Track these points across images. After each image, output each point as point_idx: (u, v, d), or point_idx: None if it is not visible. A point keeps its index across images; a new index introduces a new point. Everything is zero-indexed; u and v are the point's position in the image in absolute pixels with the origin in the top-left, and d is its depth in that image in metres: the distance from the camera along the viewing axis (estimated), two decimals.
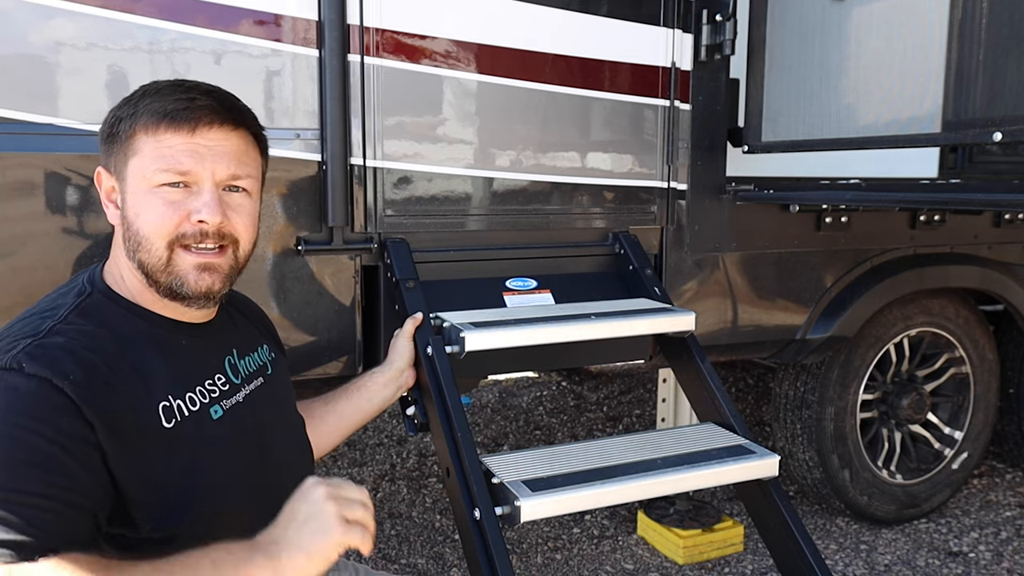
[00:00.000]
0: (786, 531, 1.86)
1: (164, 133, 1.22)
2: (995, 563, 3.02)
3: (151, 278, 1.24)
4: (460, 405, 1.79)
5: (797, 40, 2.45)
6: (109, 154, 1.26)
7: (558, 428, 4.49)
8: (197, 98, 1.24)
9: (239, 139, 1.28)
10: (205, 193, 1.23)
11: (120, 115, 1.25)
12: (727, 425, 2.01)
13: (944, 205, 2.83)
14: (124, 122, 1.24)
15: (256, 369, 1.43)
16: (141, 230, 1.22)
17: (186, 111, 1.22)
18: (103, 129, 1.28)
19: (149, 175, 1.22)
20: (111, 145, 1.26)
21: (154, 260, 1.22)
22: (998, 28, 1.86)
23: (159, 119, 1.22)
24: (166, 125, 1.21)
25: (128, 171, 1.24)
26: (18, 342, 1.11)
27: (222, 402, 1.30)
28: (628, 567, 2.99)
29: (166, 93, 1.25)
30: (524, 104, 2.24)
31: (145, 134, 1.22)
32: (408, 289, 2.02)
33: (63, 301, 1.22)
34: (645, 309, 2.15)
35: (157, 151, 1.21)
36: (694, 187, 2.50)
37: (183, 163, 1.22)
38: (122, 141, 1.24)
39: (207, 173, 1.23)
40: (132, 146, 1.23)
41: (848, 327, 2.83)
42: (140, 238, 1.22)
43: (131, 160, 1.23)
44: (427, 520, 3.35)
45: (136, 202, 1.23)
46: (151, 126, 1.22)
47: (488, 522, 1.62)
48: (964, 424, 3.34)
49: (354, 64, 2.04)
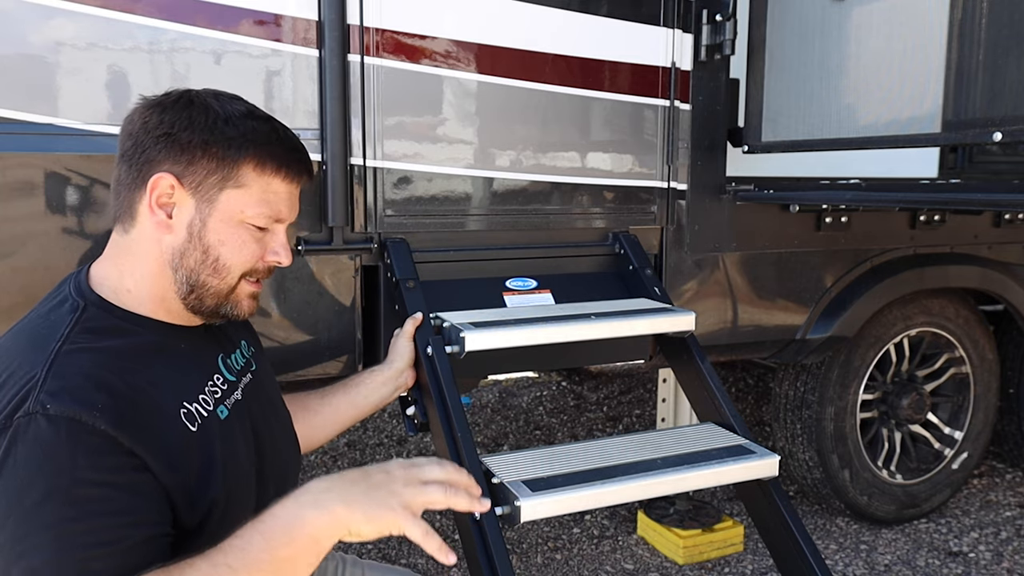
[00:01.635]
0: (786, 531, 1.86)
1: (276, 179, 1.26)
2: (995, 563, 3.02)
3: (199, 298, 1.25)
4: (460, 405, 1.79)
5: (797, 40, 2.45)
6: (191, 167, 1.21)
7: (558, 428, 4.49)
8: (300, 150, 1.31)
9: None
10: (282, 235, 1.31)
11: (228, 139, 1.22)
12: (727, 425, 2.01)
13: (944, 205, 2.83)
14: (232, 148, 1.22)
15: (243, 365, 1.44)
16: (222, 258, 1.25)
17: (299, 164, 1.30)
18: (184, 137, 1.21)
19: (250, 214, 1.25)
20: (200, 159, 1.21)
21: (223, 287, 1.26)
22: (998, 28, 1.86)
23: (278, 165, 1.26)
24: (283, 175, 1.27)
25: (221, 197, 1.23)
26: (32, 375, 1.06)
27: (225, 401, 1.30)
28: (628, 567, 2.99)
29: (277, 137, 1.28)
30: (524, 104, 2.24)
31: (256, 172, 1.24)
32: (408, 289, 2.02)
33: (56, 318, 1.17)
34: (645, 309, 2.15)
35: (264, 195, 1.25)
36: (694, 187, 2.50)
37: (282, 212, 1.29)
38: (223, 164, 1.22)
39: (290, 219, 1.32)
40: (235, 175, 1.23)
41: (848, 327, 2.83)
42: (218, 265, 1.25)
43: (230, 189, 1.23)
44: (427, 520, 3.34)
45: (223, 230, 1.24)
46: (268, 169, 1.25)
47: (488, 522, 1.62)
48: (964, 424, 3.34)
49: (354, 64, 2.04)
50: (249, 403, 1.37)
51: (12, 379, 1.07)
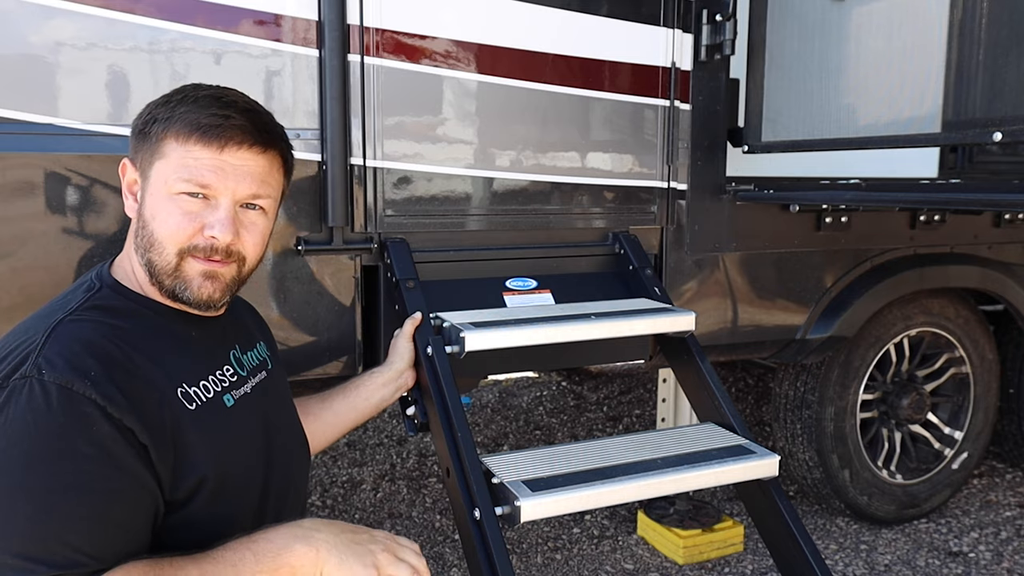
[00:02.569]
0: (786, 531, 1.86)
1: (194, 145, 1.23)
2: (995, 563, 3.02)
3: (155, 278, 1.26)
4: (460, 405, 1.79)
5: (797, 40, 2.44)
6: (137, 149, 1.28)
7: (558, 428, 4.49)
8: (232, 116, 1.25)
9: (265, 161, 1.30)
10: (221, 210, 1.25)
11: (156, 116, 1.26)
12: (727, 425, 2.01)
13: (944, 205, 2.83)
14: (158, 124, 1.24)
15: (258, 364, 1.45)
16: (155, 232, 1.24)
17: (219, 128, 1.23)
18: (136, 123, 1.29)
19: (171, 182, 1.23)
20: (141, 142, 1.27)
21: (163, 263, 1.24)
22: (998, 28, 1.86)
23: (191, 130, 1.23)
24: (197, 138, 1.23)
25: (152, 171, 1.25)
26: (33, 340, 1.11)
27: (232, 392, 1.32)
28: (628, 567, 2.99)
29: (204, 104, 1.25)
30: (524, 104, 2.24)
31: (175, 141, 1.23)
32: (408, 289, 2.02)
33: (72, 297, 1.23)
34: (645, 309, 2.15)
35: (183, 161, 1.23)
36: (694, 187, 2.50)
37: (205, 177, 1.23)
38: (152, 141, 1.25)
39: (227, 190, 1.25)
40: (160, 149, 1.24)
41: (848, 327, 2.83)
42: (153, 240, 1.24)
43: (157, 162, 1.24)
44: (427, 520, 3.35)
45: (154, 204, 1.24)
46: (183, 135, 1.23)
47: (488, 522, 1.62)
48: (964, 424, 3.34)
49: (354, 64, 2.04)
50: (259, 399, 1.39)
51: (16, 345, 1.13)
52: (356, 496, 3.58)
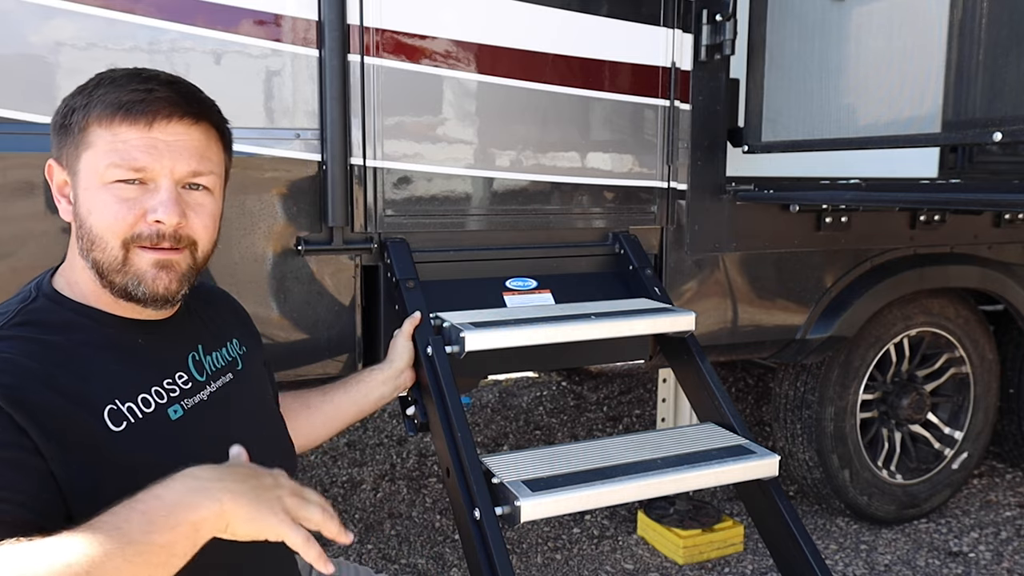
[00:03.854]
0: (786, 531, 1.86)
1: (119, 126, 1.14)
2: (995, 563, 3.02)
3: (105, 278, 1.18)
4: (460, 405, 1.79)
5: (797, 40, 2.45)
6: (61, 146, 1.19)
7: (558, 428, 4.49)
8: (155, 89, 1.16)
9: (200, 133, 1.21)
10: (162, 191, 1.16)
11: (73, 105, 1.17)
12: (727, 425, 2.01)
13: (944, 205, 2.83)
14: (77, 113, 1.16)
15: (224, 365, 1.36)
16: (94, 228, 1.16)
17: (143, 103, 1.15)
18: (55, 119, 1.20)
19: (102, 170, 1.14)
20: (63, 137, 1.18)
21: (109, 259, 1.16)
22: (998, 28, 1.86)
23: (114, 111, 1.14)
24: (121, 117, 1.14)
25: (80, 165, 1.16)
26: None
27: (182, 401, 1.23)
28: (628, 567, 2.99)
29: (122, 83, 1.17)
30: (524, 104, 2.24)
31: (99, 126, 1.15)
32: (408, 289, 2.02)
33: (6, 308, 1.15)
34: (645, 309, 2.15)
35: (111, 145, 1.14)
36: (694, 187, 2.50)
37: (138, 159, 1.14)
38: (75, 133, 1.16)
39: (165, 170, 1.16)
40: (85, 139, 1.16)
41: (848, 327, 2.83)
42: (93, 236, 1.16)
43: (84, 154, 1.16)
44: (427, 520, 3.35)
45: (89, 198, 1.16)
46: (105, 118, 1.15)
47: (488, 522, 1.62)
48: (964, 424, 3.34)
49: (354, 64, 2.04)
50: (220, 406, 1.30)
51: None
52: (356, 496, 3.58)
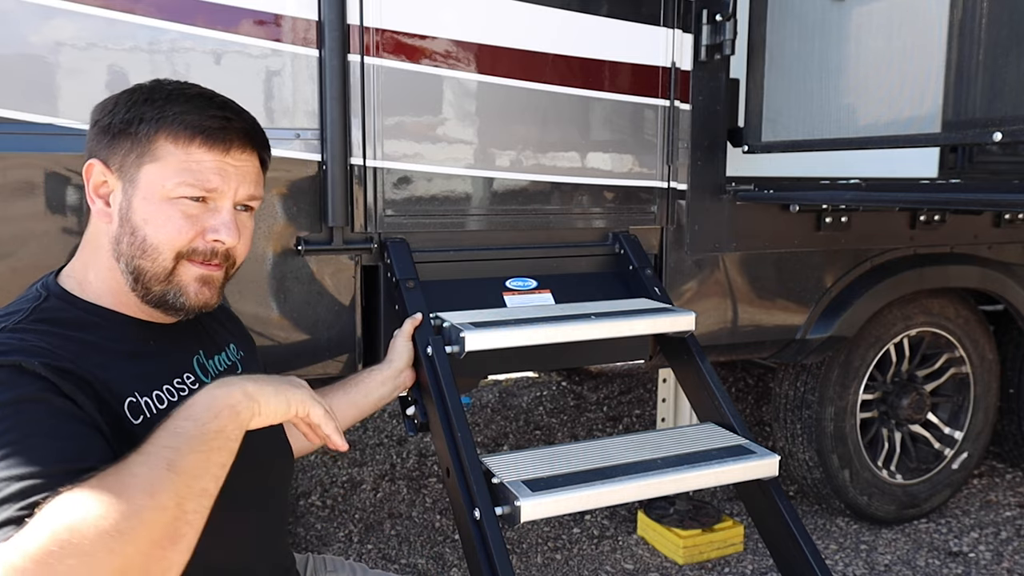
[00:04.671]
0: (786, 531, 1.86)
1: (197, 149, 1.20)
2: (995, 563, 3.02)
3: (143, 285, 1.21)
4: (460, 405, 1.79)
5: (797, 40, 2.45)
6: (113, 150, 1.21)
7: (558, 428, 4.49)
8: (232, 119, 1.23)
9: (258, 161, 1.30)
10: (224, 213, 1.23)
11: (142, 115, 1.20)
12: (727, 425, 2.01)
13: (944, 205, 2.83)
14: (146, 124, 1.19)
15: (225, 369, 1.40)
16: (149, 238, 1.20)
17: (223, 131, 1.21)
18: (104, 120, 1.22)
19: (170, 186, 1.19)
20: (119, 142, 1.21)
21: (157, 269, 1.21)
22: (998, 28, 1.86)
23: (194, 133, 1.20)
24: (201, 141, 1.20)
25: (141, 174, 1.20)
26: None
27: None
28: (628, 567, 2.99)
29: (199, 105, 1.22)
30: (524, 104, 2.24)
31: (173, 144, 1.19)
32: (408, 289, 2.02)
33: (16, 308, 1.18)
34: (645, 309, 2.15)
35: (184, 164, 1.19)
36: (694, 187, 2.50)
37: (211, 181, 1.21)
38: (139, 142, 1.20)
39: (230, 192, 1.23)
40: (152, 151, 1.19)
41: (848, 327, 2.83)
42: (146, 245, 1.20)
43: (147, 165, 1.20)
44: (427, 520, 3.35)
45: (147, 209, 1.20)
46: (183, 138, 1.20)
47: (488, 522, 1.62)
48: (964, 424, 3.34)
49: (354, 64, 2.04)
50: None
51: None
52: (356, 496, 3.58)
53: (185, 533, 0.96)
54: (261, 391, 1.10)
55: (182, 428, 1.01)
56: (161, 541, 0.93)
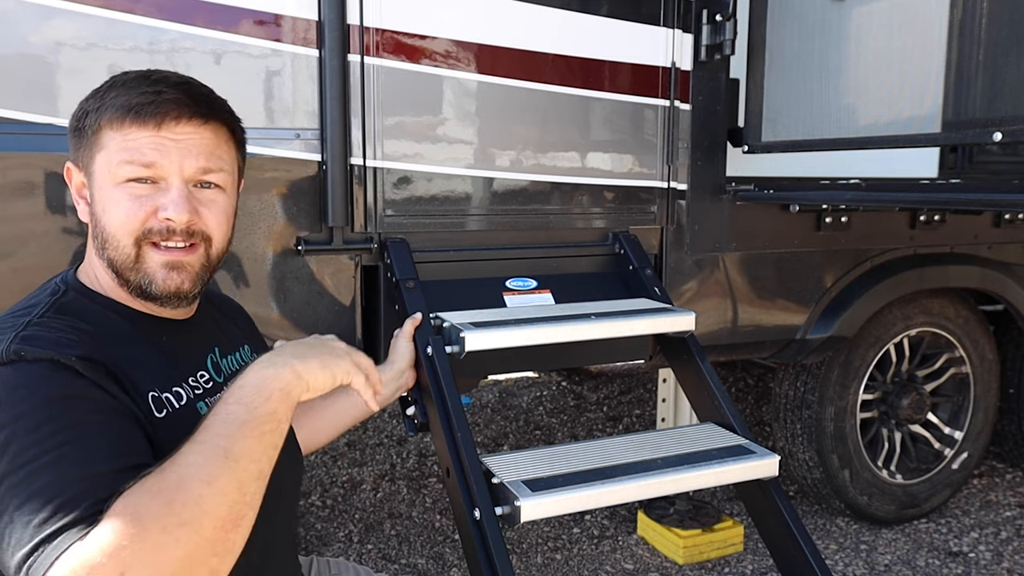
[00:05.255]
0: (786, 531, 1.86)
1: (129, 128, 1.18)
2: (995, 563, 3.02)
3: (121, 276, 1.22)
4: (460, 405, 1.79)
5: (797, 40, 2.45)
6: (77, 148, 1.23)
7: (558, 428, 4.49)
8: (164, 91, 1.19)
9: (211, 133, 1.23)
10: (172, 189, 1.19)
11: (87, 108, 1.21)
12: (727, 425, 2.01)
13: (944, 205, 2.83)
14: (90, 116, 1.20)
15: (239, 368, 1.38)
16: (107, 226, 1.20)
17: (151, 104, 1.18)
18: (71, 123, 1.24)
19: (114, 170, 1.18)
20: (79, 139, 1.22)
21: (122, 257, 1.20)
22: (998, 28, 1.86)
23: (124, 113, 1.18)
24: (131, 119, 1.18)
25: (95, 166, 1.20)
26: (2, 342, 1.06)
27: (207, 399, 1.27)
28: (628, 567, 2.99)
29: (132, 86, 1.20)
30: (524, 104, 2.24)
31: (111, 129, 1.19)
32: (408, 289, 2.02)
33: (36, 300, 1.19)
34: (645, 309, 2.15)
35: (121, 145, 1.18)
36: (694, 187, 2.50)
37: (147, 155, 1.17)
38: (88, 135, 1.21)
39: (174, 168, 1.19)
40: (98, 141, 1.20)
41: (848, 327, 2.83)
42: (107, 235, 1.20)
43: (97, 155, 1.20)
44: (427, 520, 3.35)
45: (102, 198, 1.20)
46: (116, 120, 1.18)
47: (488, 522, 1.62)
48: (964, 424, 3.34)
49: (354, 64, 2.04)
50: None
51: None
52: (356, 496, 3.58)
53: (245, 514, 0.99)
54: (308, 368, 1.13)
55: (234, 414, 1.04)
56: (224, 526, 0.96)
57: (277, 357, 1.12)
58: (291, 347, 1.18)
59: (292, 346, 1.19)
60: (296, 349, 1.17)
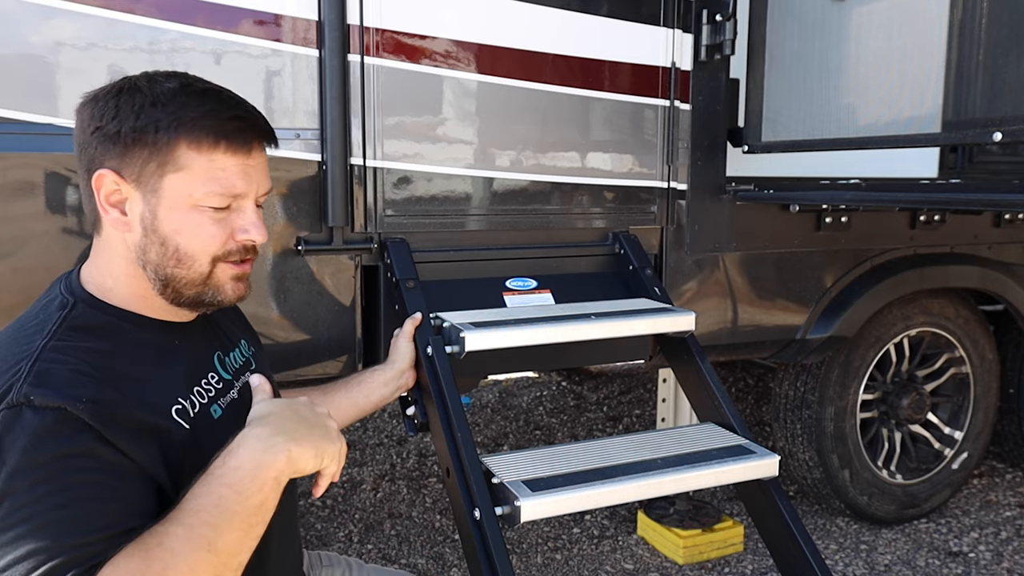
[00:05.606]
0: (786, 531, 1.86)
1: (221, 154, 1.18)
2: (995, 563, 3.02)
3: (175, 290, 1.22)
4: (460, 405, 1.79)
5: (797, 40, 2.45)
6: (126, 159, 1.17)
7: (558, 428, 4.49)
8: (249, 118, 1.23)
9: (266, 154, 1.30)
10: (250, 212, 1.24)
11: (156, 122, 1.16)
12: (727, 425, 2.01)
13: (944, 205, 2.83)
14: (164, 132, 1.16)
15: (242, 364, 1.42)
16: (183, 247, 1.19)
17: (243, 133, 1.21)
18: (110, 127, 1.17)
19: (197, 194, 1.18)
20: (133, 150, 1.16)
21: (194, 275, 1.21)
22: (998, 28, 1.86)
23: (217, 139, 1.18)
24: (225, 146, 1.19)
25: (164, 184, 1.17)
26: (15, 369, 1.05)
27: (219, 401, 1.28)
28: (628, 567, 2.99)
29: (215, 107, 1.19)
30: (524, 104, 2.24)
31: (194, 151, 1.17)
32: (408, 289, 2.02)
33: (45, 316, 1.16)
34: (645, 309, 2.15)
35: (210, 172, 1.18)
36: (694, 187, 2.50)
37: (237, 186, 1.21)
38: (159, 151, 1.16)
39: (252, 192, 1.24)
40: (173, 159, 1.16)
41: (848, 327, 2.83)
42: (180, 255, 1.20)
43: (171, 174, 1.17)
44: (427, 520, 3.35)
45: (176, 218, 1.19)
46: (205, 144, 1.17)
47: (488, 522, 1.62)
48: (964, 424, 3.34)
49: (354, 64, 2.04)
50: (247, 403, 1.34)
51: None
52: (356, 496, 3.58)
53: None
54: (302, 454, 1.10)
55: (225, 499, 1.03)
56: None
57: (275, 437, 1.09)
58: (287, 420, 1.14)
59: (289, 419, 1.14)
60: (294, 426, 1.13)
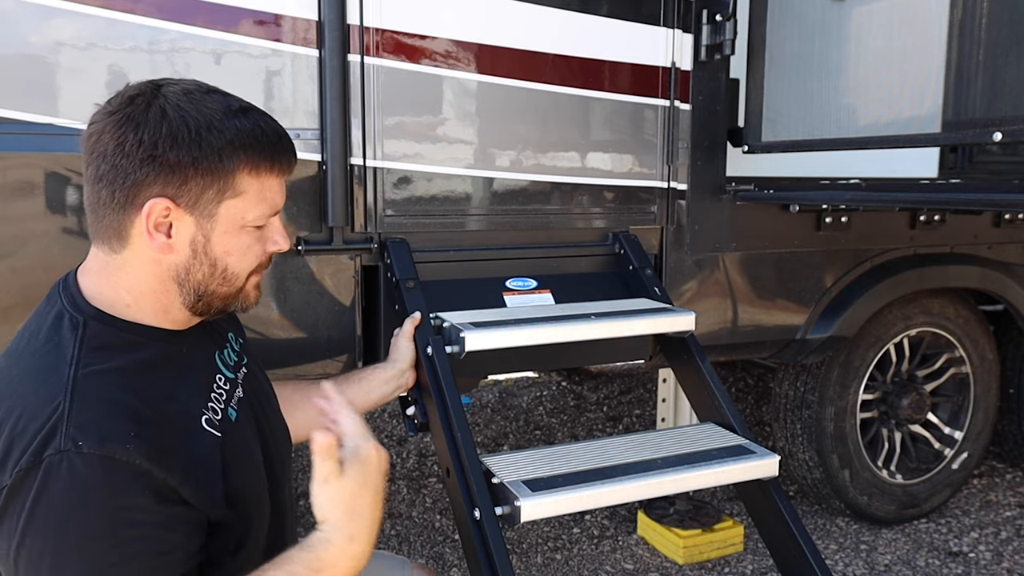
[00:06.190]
0: (786, 531, 1.86)
1: (268, 176, 1.20)
2: (995, 563, 3.02)
3: (207, 302, 1.23)
4: (460, 405, 1.79)
5: (797, 40, 2.45)
6: (185, 187, 1.13)
7: (558, 428, 4.49)
8: (284, 135, 1.23)
9: None
10: (278, 223, 1.27)
11: (219, 150, 1.13)
12: (727, 425, 2.01)
13: (944, 205, 2.83)
14: (225, 160, 1.14)
15: (237, 359, 1.42)
16: (232, 267, 1.22)
17: (288, 153, 1.23)
18: (169, 155, 1.11)
19: (248, 216, 1.20)
20: (194, 179, 1.13)
21: (231, 290, 1.24)
22: (998, 28, 1.86)
23: (271, 164, 1.20)
24: (276, 171, 1.21)
25: (221, 209, 1.17)
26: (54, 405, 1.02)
27: (231, 402, 1.29)
28: (628, 567, 2.99)
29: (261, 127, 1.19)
30: (524, 104, 2.24)
31: (249, 175, 1.17)
32: (408, 289, 2.02)
33: (59, 338, 1.12)
34: (645, 309, 2.15)
35: (261, 194, 1.20)
36: (694, 187, 2.50)
37: (279, 204, 1.25)
38: (220, 178, 1.15)
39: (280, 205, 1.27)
40: (233, 185, 1.16)
41: (848, 327, 2.83)
42: (228, 274, 1.22)
43: (228, 200, 1.17)
44: (427, 520, 3.35)
45: (228, 241, 1.20)
46: (263, 169, 1.19)
47: (488, 522, 1.62)
48: (964, 424, 3.34)
49: (354, 64, 2.04)
50: (250, 397, 1.36)
51: (30, 410, 1.03)
52: None
53: None
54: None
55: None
56: None
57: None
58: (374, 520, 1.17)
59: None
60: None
